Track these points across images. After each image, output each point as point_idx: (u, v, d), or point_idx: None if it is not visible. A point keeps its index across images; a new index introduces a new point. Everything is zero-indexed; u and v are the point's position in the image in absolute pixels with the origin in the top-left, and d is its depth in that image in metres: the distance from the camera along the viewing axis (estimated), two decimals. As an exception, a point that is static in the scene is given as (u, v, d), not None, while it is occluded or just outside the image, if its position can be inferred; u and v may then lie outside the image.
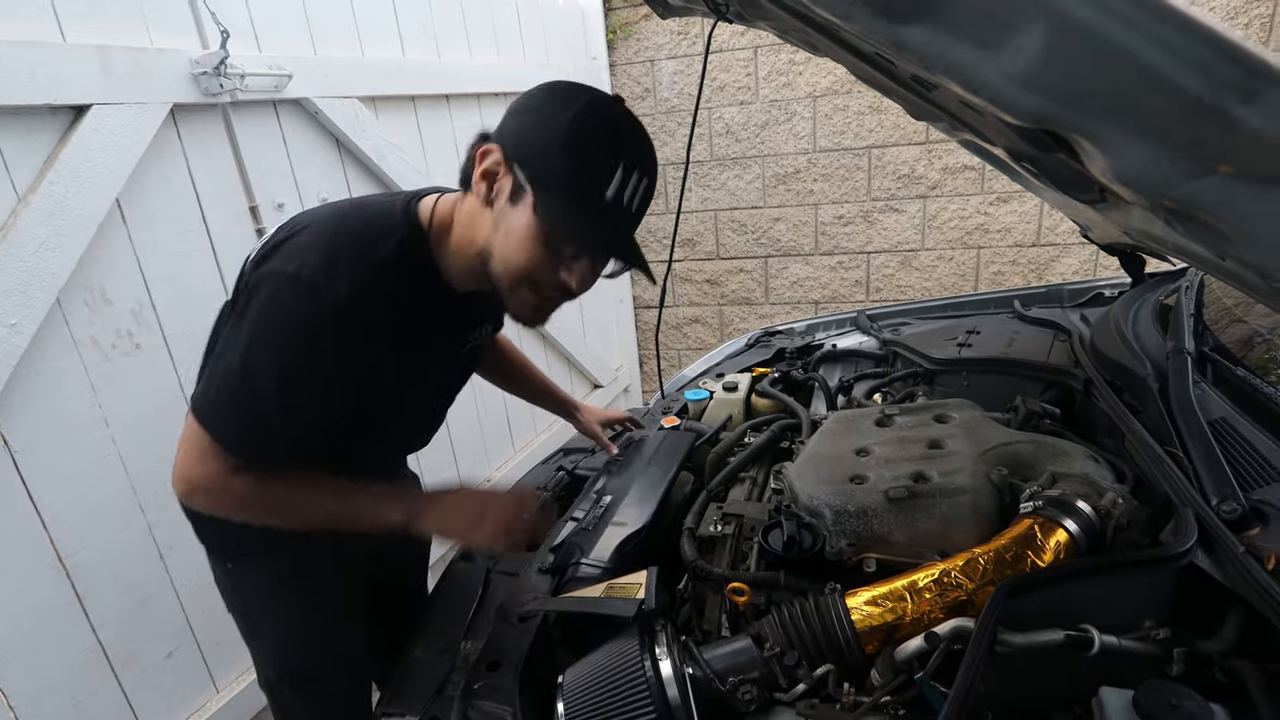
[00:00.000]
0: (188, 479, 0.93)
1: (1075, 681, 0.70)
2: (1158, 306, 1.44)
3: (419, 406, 1.16)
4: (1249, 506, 0.78)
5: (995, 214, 3.39)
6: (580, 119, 0.85)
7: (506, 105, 0.95)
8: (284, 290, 0.87)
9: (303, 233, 0.92)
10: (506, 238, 0.90)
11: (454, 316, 1.08)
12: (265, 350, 0.87)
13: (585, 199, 0.86)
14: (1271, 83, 0.37)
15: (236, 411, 0.90)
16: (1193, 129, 0.40)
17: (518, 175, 0.88)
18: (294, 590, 1.17)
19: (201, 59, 1.61)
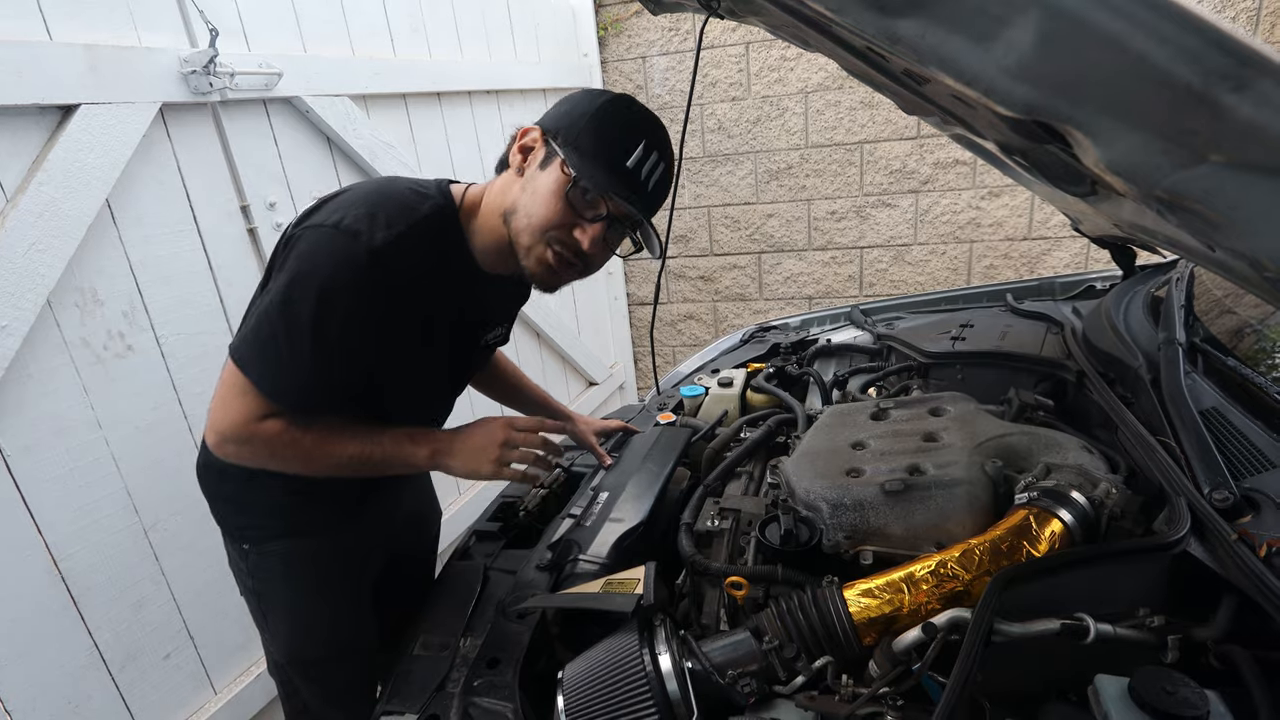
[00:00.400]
0: (219, 427, 0.97)
1: (1071, 670, 0.71)
2: (1149, 298, 1.45)
3: (434, 385, 1.20)
4: (1241, 495, 0.79)
5: (987, 208, 3.41)
6: (609, 102, 0.99)
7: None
8: (324, 238, 0.93)
9: (342, 194, 0.99)
10: (533, 195, 0.99)
11: (477, 298, 1.14)
12: (304, 290, 0.92)
13: (608, 160, 0.97)
14: (1260, 71, 0.37)
15: (274, 351, 0.93)
16: (1183, 118, 0.40)
17: (551, 144, 0.99)
18: (309, 576, 1.19)
19: (190, 58, 1.60)
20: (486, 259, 1.08)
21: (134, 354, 1.61)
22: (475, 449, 1.07)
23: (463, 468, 1.07)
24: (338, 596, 1.23)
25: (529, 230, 1.00)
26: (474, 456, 1.07)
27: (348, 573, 1.23)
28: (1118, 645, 0.72)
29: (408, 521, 1.39)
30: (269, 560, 1.19)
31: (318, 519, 1.18)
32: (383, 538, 1.29)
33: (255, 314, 0.96)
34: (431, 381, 1.19)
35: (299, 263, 0.93)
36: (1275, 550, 0.71)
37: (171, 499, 1.70)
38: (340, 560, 1.22)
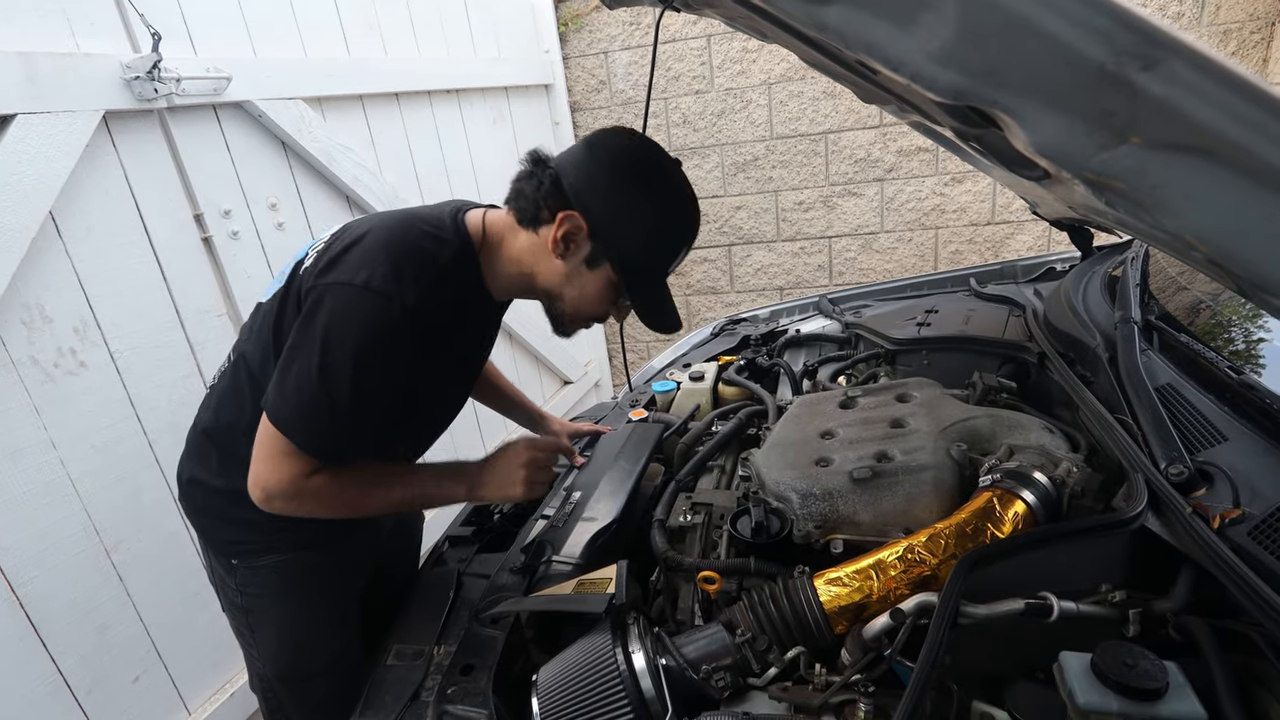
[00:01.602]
0: (267, 487, 0.98)
1: (1037, 648, 0.72)
2: (1106, 278, 1.48)
3: (454, 401, 1.26)
4: (1195, 469, 0.81)
5: (951, 194, 3.45)
6: (663, 209, 1.02)
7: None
8: (356, 300, 0.93)
9: (363, 241, 0.98)
10: (582, 293, 1.05)
11: (488, 321, 1.20)
12: (343, 358, 0.93)
13: (657, 276, 1.06)
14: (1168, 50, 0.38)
15: (317, 417, 0.94)
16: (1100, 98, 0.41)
17: (598, 248, 1.00)
18: (301, 590, 1.19)
19: (133, 63, 1.55)
20: (502, 294, 1.11)
21: (87, 370, 1.56)
22: (505, 476, 1.11)
23: (498, 494, 1.11)
24: (329, 610, 1.23)
25: (574, 316, 1.10)
26: (506, 483, 1.11)
27: (338, 585, 1.23)
28: (1081, 622, 0.73)
29: (394, 530, 1.38)
30: (260, 575, 1.18)
31: (310, 533, 1.17)
32: (370, 548, 1.29)
33: (290, 376, 0.95)
34: (454, 400, 1.25)
35: (332, 325, 0.93)
36: (1228, 521, 0.73)
37: (133, 518, 1.65)
38: (331, 573, 1.21)
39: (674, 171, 1.03)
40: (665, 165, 1.02)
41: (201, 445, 1.15)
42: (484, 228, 1.06)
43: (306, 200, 2.11)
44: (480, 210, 1.09)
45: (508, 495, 1.11)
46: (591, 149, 1.00)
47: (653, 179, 1.01)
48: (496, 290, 1.10)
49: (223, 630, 1.25)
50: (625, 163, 1.00)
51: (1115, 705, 0.61)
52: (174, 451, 1.69)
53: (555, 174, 0.99)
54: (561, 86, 3.63)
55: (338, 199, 2.24)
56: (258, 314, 1.09)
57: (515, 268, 1.06)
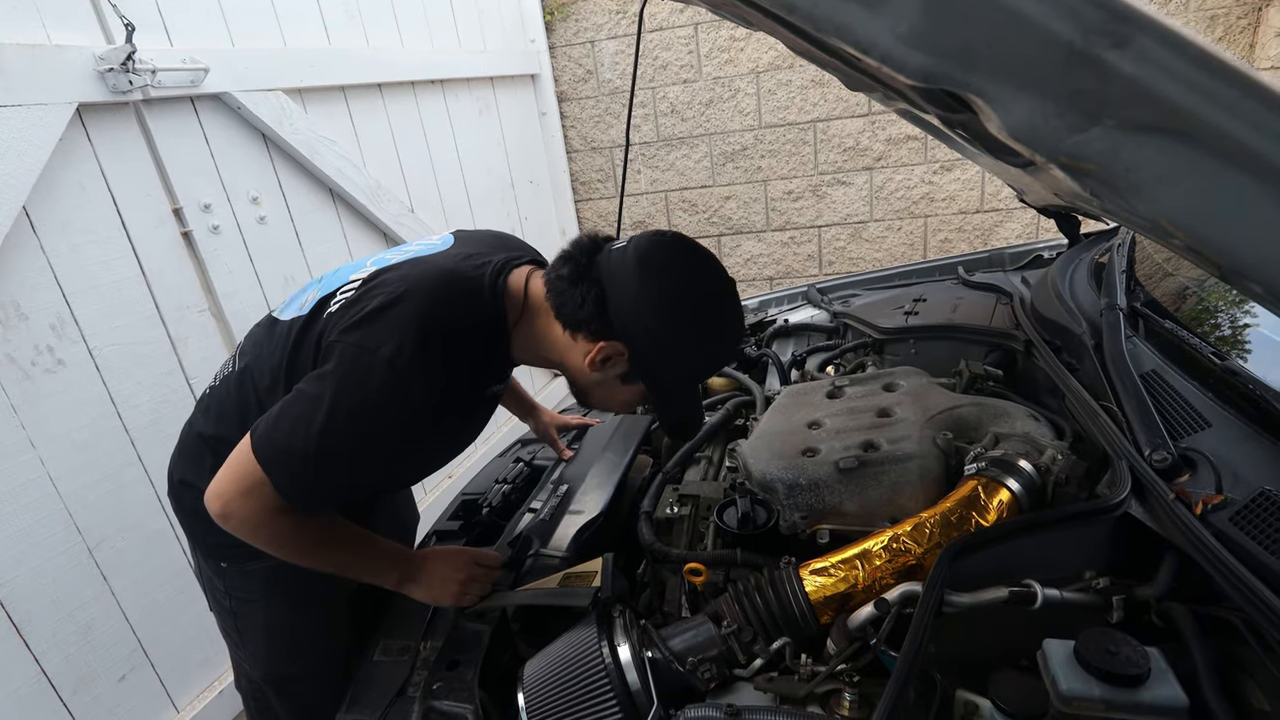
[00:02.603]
0: (226, 505, 0.94)
1: (1021, 636, 0.72)
2: (1093, 265, 1.48)
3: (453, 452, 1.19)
4: (1178, 455, 0.81)
5: (939, 183, 3.45)
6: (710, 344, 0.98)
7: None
8: (377, 372, 0.89)
9: (397, 306, 0.92)
10: (610, 396, 1.04)
11: (502, 383, 1.14)
12: (348, 424, 0.89)
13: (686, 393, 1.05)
14: (1137, 27, 0.37)
15: (304, 468, 0.90)
16: (1071, 79, 0.40)
17: (636, 371, 0.97)
18: (286, 594, 1.17)
19: (106, 54, 1.52)
20: (521, 356, 1.06)
21: (65, 368, 1.53)
22: (439, 583, 1.07)
23: (425, 597, 1.07)
24: (317, 614, 1.21)
25: (596, 406, 1.09)
26: (438, 589, 1.06)
27: (327, 590, 1.20)
28: (1065, 609, 0.73)
29: (388, 531, 1.35)
30: (250, 579, 1.16)
31: None
32: None
33: (288, 418, 0.91)
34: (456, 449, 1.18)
35: (345, 389, 0.89)
36: (1211, 507, 0.73)
37: (116, 516, 1.63)
38: (321, 578, 1.16)
39: (727, 300, 0.97)
40: (720, 298, 0.96)
41: (196, 449, 1.12)
42: (525, 295, 1.01)
43: (289, 193, 2.09)
44: (524, 271, 1.03)
45: (437, 600, 1.07)
46: (645, 275, 0.91)
47: (706, 318, 0.95)
48: (520, 356, 1.06)
49: (210, 627, 1.24)
50: (677, 299, 0.92)
51: (1098, 692, 0.61)
52: (156, 449, 1.69)
53: (602, 294, 0.93)
54: (548, 76, 3.60)
55: (320, 192, 2.21)
56: (273, 332, 1.05)
57: (545, 349, 1.02)
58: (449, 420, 1.02)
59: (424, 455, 1.10)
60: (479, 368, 0.99)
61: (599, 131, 3.77)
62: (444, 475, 2.81)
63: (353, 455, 0.92)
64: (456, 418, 1.05)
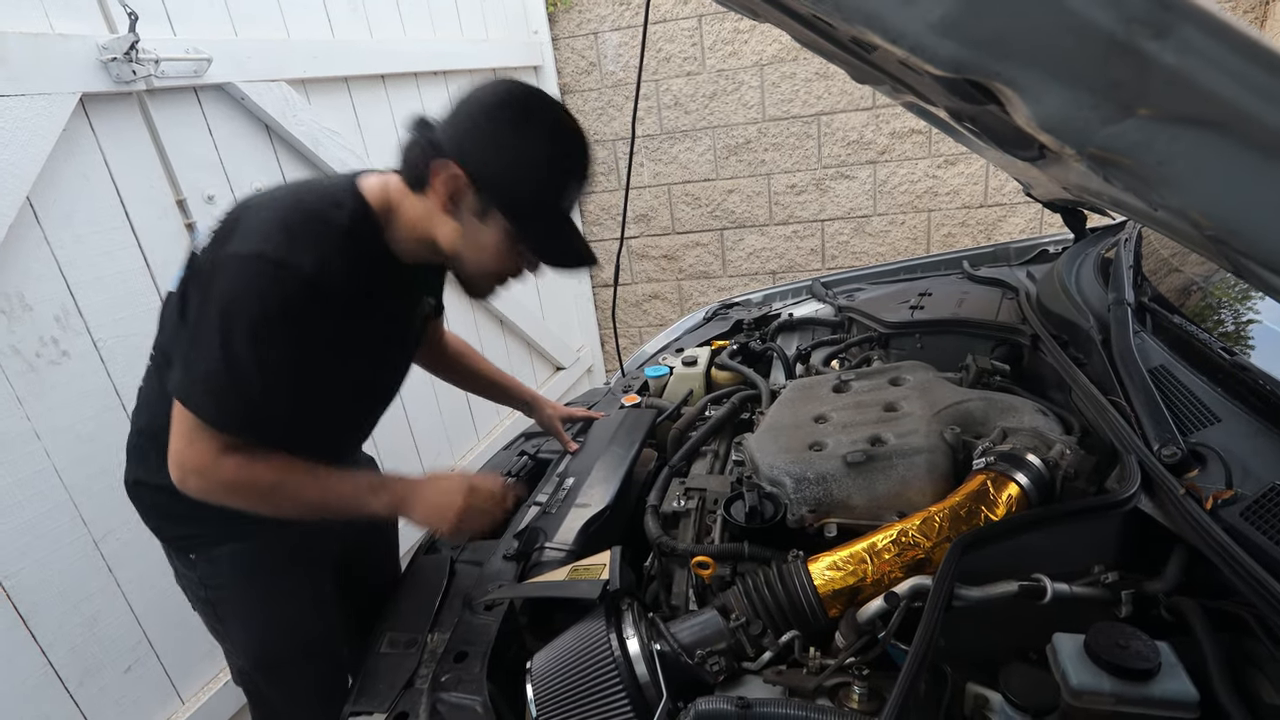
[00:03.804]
0: (180, 463, 0.97)
1: (1030, 630, 0.72)
2: (1099, 260, 1.48)
3: (383, 377, 1.19)
4: (1188, 450, 0.81)
5: (943, 177, 3.44)
6: (542, 143, 0.95)
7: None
8: (250, 269, 0.90)
9: (253, 213, 0.95)
10: (479, 250, 1.01)
11: (403, 287, 1.13)
12: (239, 326, 0.90)
13: (549, 218, 1.00)
14: (1181, 16, 0.36)
15: (220, 390, 0.93)
16: (1108, 69, 0.39)
17: (484, 197, 0.96)
18: (259, 577, 1.18)
19: (110, 44, 1.51)
20: (410, 256, 1.07)
21: (70, 360, 1.53)
22: (436, 507, 1.06)
23: (422, 519, 1.06)
24: (296, 595, 1.21)
25: (479, 275, 1.06)
26: (434, 515, 1.06)
27: (304, 570, 1.22)
28: (1074, 603, 0.73)
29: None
30: (220, 565, 1.16)
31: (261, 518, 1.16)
32: (338, 530, 1.26)
33: (192, 352, 0.94)
34: (380, 375, 1.19)
35: (228, 298, 0.91)
36: (1221, 503, 0.73)
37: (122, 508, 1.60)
38: (294, 558, 1.20)
39: (551, 105, 0.97)
40: (541, 100, 0.96)
41: (139, 446, 1.14)
42: (382, 193, 1.02)
43: (292, 185, 2.08)
44: (378, 175, 1.05)
45: (431, 525, 1.06)
46: (465, 100, 0.96)
47: (528, 115, 0.94)
48: (406, 255, 1.06)
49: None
50: (496, 103, 0.94)
51: (1108, 685, 0.62)
52: (161, 441, 1.69)
53: (434, 131, 0.96)
54: (551, 68, 3.58)
55: (324, 184, 2.20)
56: (168, 305, 1.05)
57: (415, 233, 1.03)
58: (350, 326, 1.01)
59: (344, 371, 1.06)
60: (356, 259, 0.98)
61: (601, 124, 3.75)
62: (446, 468, 2.81)
63: (261, 359, 0.92)
64: (357, 322, 1.03)
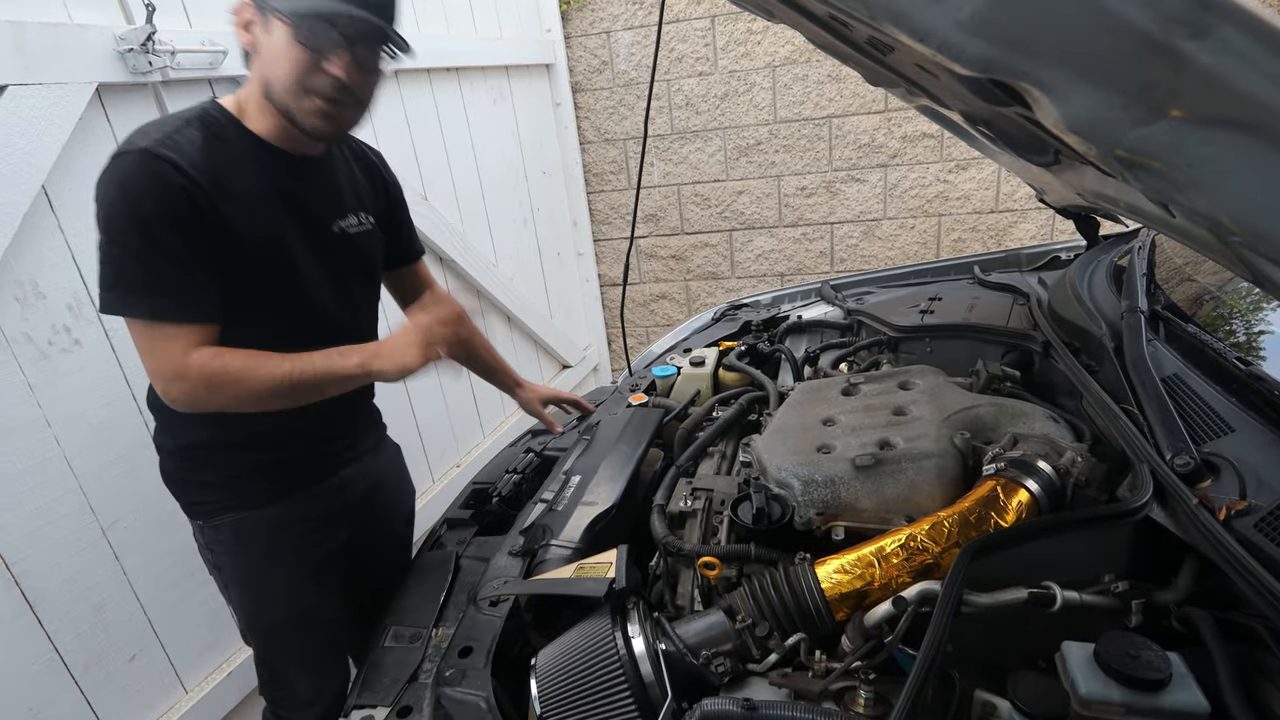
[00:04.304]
0: (157, 378, 1.03)
1: (1039, 637, 0.71)
2: (1112, 267, 1.47)
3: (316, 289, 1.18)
4: (1201, 460, 0.80)
5: (955, 181, 3.42)
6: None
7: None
8: (115, 165, 0.98)
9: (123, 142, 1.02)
10: (274, 59, 1.03)
11: (291, 176, 1.14)
12: (115, 214, 0.97)
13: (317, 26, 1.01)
14: (1221, 15, 0.35)
15: (135, 282, 0.98)
16: (1142, 70, 0.39)
17: (267, 10, 1.01)
18: (260, 546, 1.24)
19: (126, 35, 1.52)
20: (282, 142, 1.11)
21: (81, 348, 1.54)
22: (401, 344, 1.10)
23: (394, 365, 1.08)
24: (291, 566, 1.26)
25: (286, 90, 1.04)
26: (401, 351, 1.09)
27: (302, 543, 1.26)
28: (1084, 612, 0.73)
29: (370, 497, 1.39)
30: (221, 533, 1.23)
31: (261, 490, 1.22)
32: (340, 510, 1.31)
33: (101, 265, 1.00)
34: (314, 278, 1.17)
35: (105, 197, 0.98)
36: (1234, 513, 0.72)
37: (130, 497, 1.64)
38: (292, 531, 1.25)
39: None
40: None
41: (153, 416, 1.23)
42: (237, 94, 1.11)
43: (304, 178, 2.08)
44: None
45: (404, 365, 1.08)
46: None
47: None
48: (269, 134, 1.10)
49: (220, 609, 1.27)
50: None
51: (1118, 695, 0.61)
52: (170, 431, 1.69)
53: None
54: (563, 66, 3.58)
55: (336, 178, 2.20)
56: None
57: (258, 104, 1.08)
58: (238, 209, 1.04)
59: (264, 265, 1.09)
60: (210, 138, 1.04)
61: (613, 123, 3.75)
62: (452, 464, 2.82)
63: (148, 234, 0.97)
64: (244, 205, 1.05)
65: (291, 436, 1.22)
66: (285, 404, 1.08)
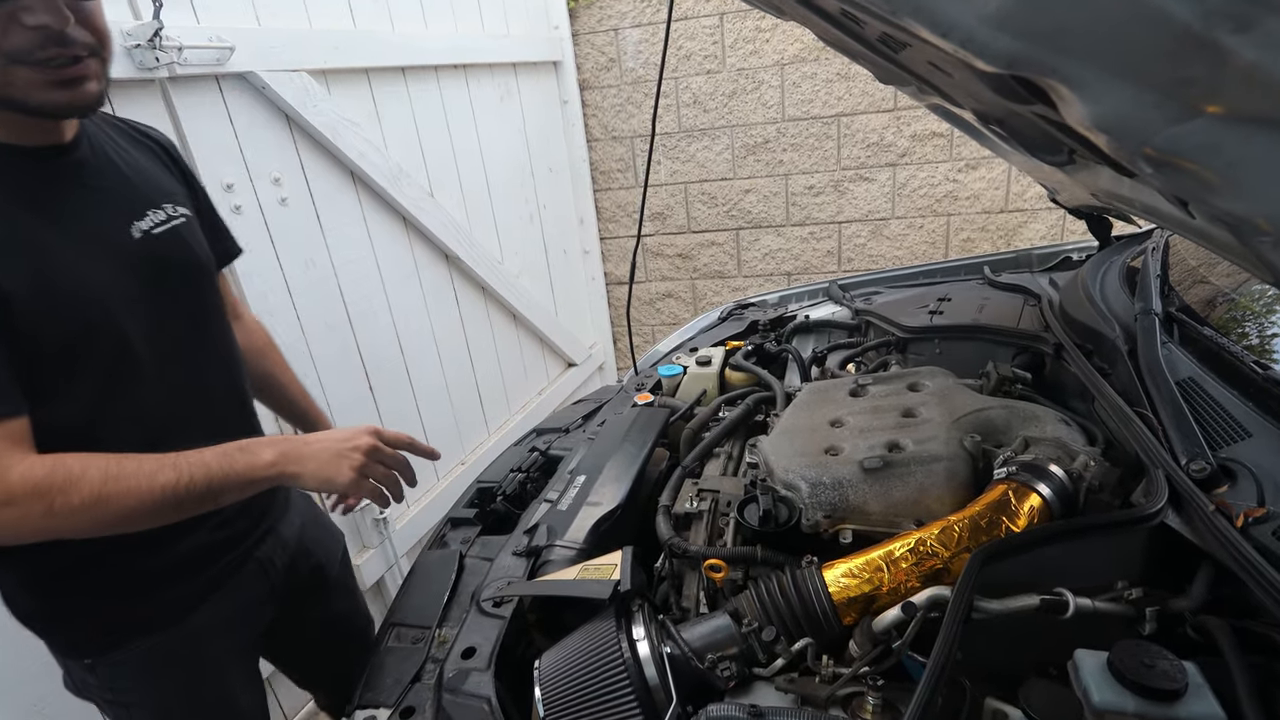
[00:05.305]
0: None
1: (1051, 645, 0.70)
2: (1125, 269, 1.45)
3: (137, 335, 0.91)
4: (1217, 465, 0.79)
5: (964, 181, 3.40)
6: None
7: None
8: None
9: None
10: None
11: (69, 193, 0.88)
12: None
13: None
14: (1267, 8, 0.34)
15: None
16: (1179, 65, 0.37)
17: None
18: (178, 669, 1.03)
19: (134, 30, 1.52)
20: (16, 135, 0.84)
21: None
22: (334, 454, 0.91)
23: (316, 474, 0.90)
24: (221, 678, 1.08)
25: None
26: (332, 462, 0.90)
27: (227, 647, 1.08)
28: (1097, 619, 0.71)
29: (294, 565, 1.22)
30: (127, 667, 0.99)
31: (171, 602, 1.00)
32: (265, 594, 1.15)
33: None
34: (129, 331, 0.90)
35: None
36: (1252, 520, 0.71)
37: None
38: (215, 638, 1.05)
39: None
40: None
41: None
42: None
43: (310, 175, 2.08)
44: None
45: (330, 479, 0.90)
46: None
47: None
48: (15, 135, 0.83)
49: None
50: None
51: (1132, 705, 0.60)
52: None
53: None
54: (570, 64, 3.57)
55: (342, 174, 2.20)
56: None
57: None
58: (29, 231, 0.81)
59: (63, 305, 0.83)
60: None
61: (620, 121, 3.74)
62: (456, 462, 2.82)
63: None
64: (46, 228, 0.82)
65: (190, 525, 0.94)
66: (159, 523, 0.84)
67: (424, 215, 2.48)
